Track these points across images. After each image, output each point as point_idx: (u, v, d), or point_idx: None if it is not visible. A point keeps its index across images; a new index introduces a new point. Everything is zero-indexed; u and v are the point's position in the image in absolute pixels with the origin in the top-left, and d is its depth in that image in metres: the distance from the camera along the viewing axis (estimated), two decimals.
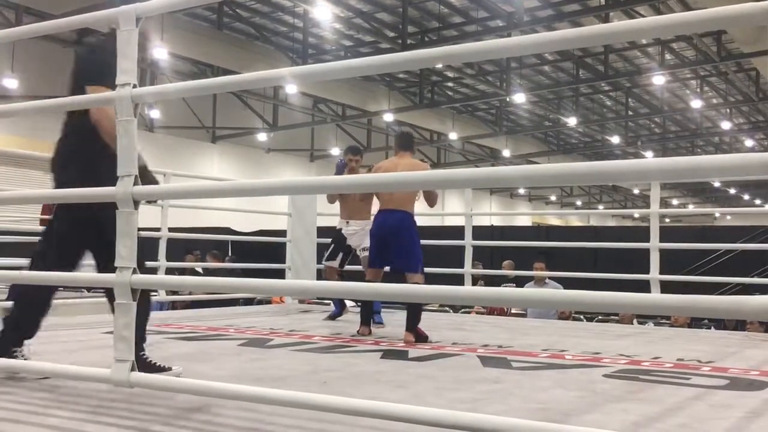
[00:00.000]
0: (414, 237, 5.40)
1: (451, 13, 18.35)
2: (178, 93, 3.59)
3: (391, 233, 5.36)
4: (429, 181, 2.87)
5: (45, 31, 3.66)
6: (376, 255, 5.48)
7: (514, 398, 3.18)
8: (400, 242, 5.35)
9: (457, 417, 2.07)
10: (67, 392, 3.05)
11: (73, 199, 3.27)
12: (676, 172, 2.09)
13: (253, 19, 18.84)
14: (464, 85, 24.18)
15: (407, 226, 5.38)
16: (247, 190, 3.83)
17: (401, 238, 5.35)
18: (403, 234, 5.36)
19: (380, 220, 5.45)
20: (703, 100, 23.70)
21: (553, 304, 4.54)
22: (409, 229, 5.39)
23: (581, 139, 32.37)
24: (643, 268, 6.51)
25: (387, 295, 2.39)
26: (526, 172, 2.39)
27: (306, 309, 7.86)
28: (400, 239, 5.35)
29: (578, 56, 20.61)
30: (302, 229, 7.99)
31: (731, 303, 1.78)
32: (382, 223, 5.42)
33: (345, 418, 2.51)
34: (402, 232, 5.35)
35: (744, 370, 3.98)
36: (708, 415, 2.92)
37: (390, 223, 5.36)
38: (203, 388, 2.60)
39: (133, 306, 2.69)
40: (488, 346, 4.88)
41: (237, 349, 4.57)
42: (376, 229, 5.50)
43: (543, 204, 41.27)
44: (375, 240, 5.52)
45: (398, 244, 5.35)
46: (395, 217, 5.35)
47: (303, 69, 3.14)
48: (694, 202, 44.11)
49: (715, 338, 6.06)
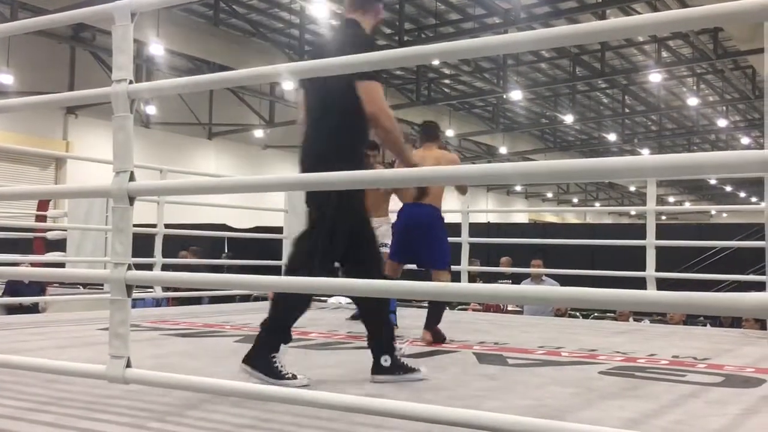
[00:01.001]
0: (442, 232, 5.16)
1: (448, 9, 18.35)
2: (174, 89, 3.59)
3: (419, 228, 5.09)
4: (426, 177, 2.86)
5: (40, 26, 3.65)
6: (398, 249, 5.22)
7: (511, 395, 3.18)
8: (428, 237, 5.09)
9: (454, 413, 2.07)
10: (62, 389, 3.05)
11: (76, 196, 3.26)
12: (673, 169, 2.09)
13: (250, 15, 18.81)
14: (461, 82, 24.18)
15: (436, 220, 5.12)
16: (244, 187, 3.83)
17: (429, 234, 5.09)
18: (431, 229, 5.09)
19: (406, 213, 5.17)
20: (699, 97, 23.76)
21: (550, 301, 4.55)
22: (438, 224, 5.13)
23: (578, 136, 32.41)
24: (640, 266, 6.52)
25: (380, 291, 2.38)
26: (523, 169, 2.38)
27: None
28: (428, 234, 5.09)
29: (575, 53, 20.62)
30: (299, 226, 7.94)
31: (727, 300, 1.78)
32: (409, 217, 5.13)
33: (341, 414, 2.51)
34: (431, 227, 5.09)
35: (740, 367, 3.98)
36: (704, 412, 2.92)
37: (417, 217, 5.08)
38: (199, 384, 2.59)
39: (128, 302, 2.69)
40: (485, 343, 4.89)
41: (233, 346, 4.56)
42: (402, 223, 5.20)
43: (540, 201, 41.30)
44: (399, 234, 5.23)
45: (426, 240, 5.10)
46: (423, 212, 5.06)
47: (300, 65, 3.12)
48: (690, 200, 44.17)
49: (711, 335, 6.07)
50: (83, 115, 18.89)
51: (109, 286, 2.74)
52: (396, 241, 5.28)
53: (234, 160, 23.61)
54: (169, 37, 16.53)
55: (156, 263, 6.86)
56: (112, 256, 2.74)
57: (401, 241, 5.20)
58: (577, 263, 7.68)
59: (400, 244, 5.21)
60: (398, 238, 5.25)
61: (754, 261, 9.25)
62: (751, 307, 1.77)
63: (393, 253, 5.28)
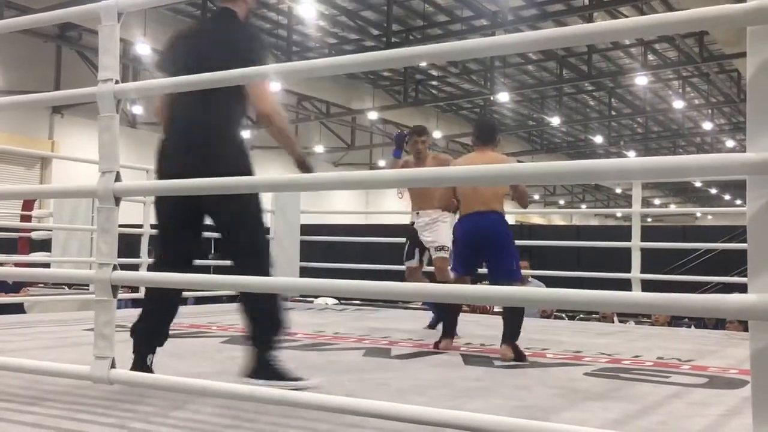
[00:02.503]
0: (512, 240, 4.66)
1: (436, 11, 18.37)
2: (160, 89, 3.57)
3: (487, 238, 4.56)
4: (407, 179, 2.87)
5: (26, 25, 3.64)
6: (463, 262, 4.73)
7: (496, 396, 3.19)
8: (499, 247, 4.56)
9: (439, 414, 2.07)
10: (46, 389, 3.03)
11: (61, 196, 3.26)
12: (658, 171, 2.10)
13: None
14: (448, 83, 24.22)
15: (503, 227, 4.62)
16: (230, 187, 3.81)
17: (499, 243, 4.56)
18: (501, 238, 4.57)
19: (469, 223, 4.64)
20: (685, 100, 23.89)
21: (536, 302, 4.55)
22: (507, 232, 4.62)
23: (565, 138, 32.53)
24: (625, 267, 6.54)
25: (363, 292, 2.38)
26: (511, 170, 2.39)
27: (289, 306, 7.83)
28: (498, 244, 4.56)
29: (562, 56, 20.70)
30: (285, 227, 7.97)
31: (710, 302, 1.80)
32: (473, 228, 4.60)
33: (326, 415, 2.51)
34: (500, 236, 4.57)
35: (723, 368, 4.01)
36: (687, 413, 2.94)
37: (483, 228, 4.57)
38: (183, 385, 2.58)
39: (113, 303, 2.68)
40: (470, 344, 4.90)
41: (219, 347, 4.56)
42: (464, 235, 4.68)
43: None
44: (462, 247, 4.72)
45: (497, 250, 4.56)
46: (489, 220, 4.56)
47: (287, 66, 3.13)
48: (675, 202, 44.42)
49: (695, 337, 6.11)
50: (69, 114, 18.78)
51: (95, 286, 2.73)
52: (458, 253, 4.80)
53: None
54: (155, 36, 16.44)
55: (142, 264, 6.83)
56: (97, 257, 2.74)
57: (465, 254, 4.73)
58: (563, 265, 7.70)
59: (464, 257, 4.74)
60: (461, 250, 4.77)
61: (738, 263, 9.30)
62: (734, 309, 1.79)
63: (455, 267, 4.82)
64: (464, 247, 4.71)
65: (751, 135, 1.72)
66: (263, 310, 3.18)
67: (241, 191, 3.01)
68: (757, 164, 1.68)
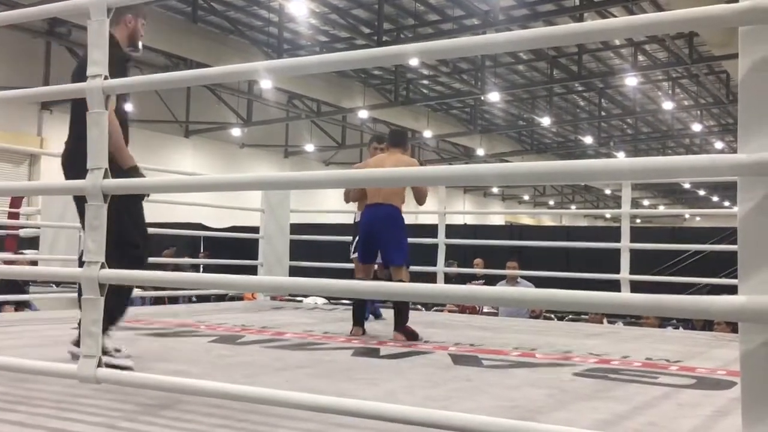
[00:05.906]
0: (401, 230, 5.37)
1: (427, 10, 18.36)
2: (150, 85, 3.56)
3: (378, 226, 5.33)
4: (402, 178, 2.87)
5: (15, 20, 3.60)
6: (364, 251, 5.45)
7: (485, 396, 3.19)
8: (387, 235, 5.32)
9: (428, 414, 2.07)
10: (32, 387, 3.00)
11: (50, 193, 3.26)
12: (648, 172, 2.10)
13: (228, 13, 18.70)
14: (439, 83, 24.22)
15: (394, 219, 5.35)
16: (220, 185, 3.79)
17: (388, 231, 5.32)
18: (390, 227, 5.32)
19: (367, 214, 5.44)
20: (674, 101, 23.97)
21: (525, 302, 4.55)
22: (397, 222, 5.36)
23: (555, 138, 32.59)
24: (614, 268, 6.56)
25: (353, 292, 2.37)
26: (501, 170, 2.39)
27: (278, 306, 7.83)
28: (386, 232, 5.32)
29: (552, 56, 20.73)
30: (275, 226, 7.96)
31: (699, 303, 1.79)
32: (369, 218, 5.39)
33: (316, 415, 2.50)
34: (389, 225, 5.32)
35: (711, 369, 4.02)
36: (675, 414, 2.94)
37: (377, 217, 5.34)
38: (172, 384, 2.57)
39: (101, 301, 2.66)
40: (460, 344, 4.90)
41: (208, 346, 4.54)
42: (363, 223, 5.48)
43: (516, 203, 41.47)
44: (363, 235, 5.47)
45: (385, 237, 5.32)
46: (382, 211, 5.33)
47: (277, 63, 3.12)
48: (664, 203, 44.61)
49: (684, 338, 6.13)
50: (58, 110, 18.64)
51: (82, 284, 2.71)
52: (361, 242, 5.51)
53: (211, 159, 23.46)
54: (146, 33, 16.35)
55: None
56: (85, 255, 2.72)
57: (365, 242, 5.43)
58: (552, 265, 7.71)
59: (365, 244, 5.44)
60: (362, 238, 5.48)
61: (727, 264, 9.36)
62: (722, 311, 1.79)
63: (361, 256, 5.50)
64: (363, 234, 5.46)
65: (742, 136, 1.71)
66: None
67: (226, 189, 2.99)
68: (748, 165, 1.68)
